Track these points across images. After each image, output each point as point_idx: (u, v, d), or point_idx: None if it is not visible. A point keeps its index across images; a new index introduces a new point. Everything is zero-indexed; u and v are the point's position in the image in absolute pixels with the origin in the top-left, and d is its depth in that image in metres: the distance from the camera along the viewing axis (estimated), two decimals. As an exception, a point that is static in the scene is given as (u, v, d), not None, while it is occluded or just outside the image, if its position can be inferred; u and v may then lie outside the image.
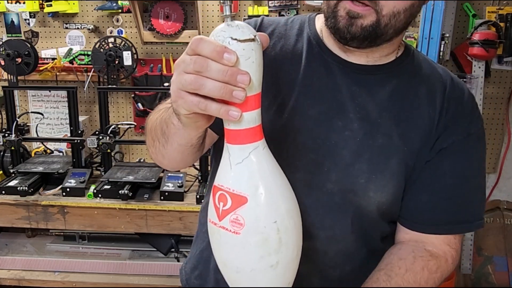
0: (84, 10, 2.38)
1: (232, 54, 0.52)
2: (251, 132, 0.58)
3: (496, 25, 2.12)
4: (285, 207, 0.60)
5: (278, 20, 0.89)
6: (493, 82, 2.33)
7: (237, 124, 0.57)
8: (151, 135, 0.80)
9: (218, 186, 0.60)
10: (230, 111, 0.54)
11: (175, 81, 0.56)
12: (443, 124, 0.81)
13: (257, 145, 0.59)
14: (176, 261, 2.18)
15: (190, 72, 0.53)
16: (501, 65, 2.28)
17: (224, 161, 0.60)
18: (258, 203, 0.58)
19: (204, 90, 0.53)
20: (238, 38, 0.53)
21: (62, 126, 2.50)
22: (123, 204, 1.98)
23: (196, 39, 0.53)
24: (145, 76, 2.39)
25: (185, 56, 0.55)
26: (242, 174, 0.58)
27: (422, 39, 2.08)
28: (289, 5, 2.28)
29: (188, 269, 0.97)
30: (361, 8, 0.71)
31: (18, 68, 2.21)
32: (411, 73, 0.83)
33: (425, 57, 0.89)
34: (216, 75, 0.52)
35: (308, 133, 0.80)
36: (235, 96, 0.53)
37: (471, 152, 0.84)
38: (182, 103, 0.56)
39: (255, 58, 0.55)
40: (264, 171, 0.59)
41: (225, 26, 0.55)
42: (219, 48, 0.52)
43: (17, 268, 2.14)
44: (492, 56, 2.14)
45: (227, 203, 0.58)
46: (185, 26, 2.33)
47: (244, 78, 0.52)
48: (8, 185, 2.04)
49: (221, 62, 0.52)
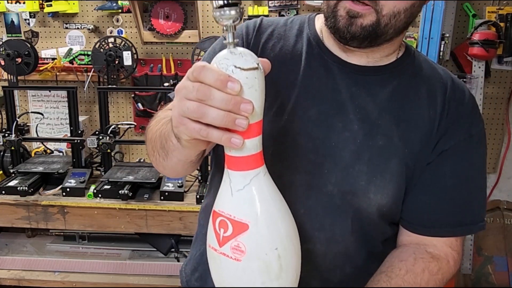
0: (84, 10, 2.37)
1: (236, 83, 0.52)
2: (252, 159, 0.58)
3: (496, 25, 2.11)
4: (285, 233, 0.60)
5: (277, 21, 0.88)
6: (493, 82, 2.33)
7: (238, 151, 0.56)
8: (151, 145, 0.80)
9: (219, 212, 0.60)
10: (232, 139, 0.54)
11: (177, 106, 0.56)
12: (444, 126, 0.81)
13: (258, 171, 0.59)
14: (176, 261, 2.18)
15: (192, 99, 0.53)
16: (501, 65, 2.28)
17: (225, 186, 0.60)
18: (260, 230, 0.57)
19: (207, 119, 0.52)
20: (242, 67, 0.53)
21: (62, 126, 2.50)
22: (123, 204, 1.98)
23: (199, 66, 0.53)
24: (145, 76, 2.39)
25: (187, 82, 0.54)
26: (243, 201, 0.58)
27: (422, 39, 2.08)
28: (289, 5, 2.28)
29: (189, 270, 0.97)
30: (361, 8, 0.71)
31: (18, 68, 2.21)
32: (411, 74, 0.83)
33: (426, 58, 0.89)
34: (219, 104, 0.52)
35: (307, 134, 0.80)
36: (238, 124, 0.52)
37: (472, 153, 0.83)
38: (183, 129, 0.56)
39: (258, 86, 0.54)
40: (265, 197, 0.59)
41: (228, 54, 0.54)
42: (223, 76, 0.51)
43: (17, 268, 2.14)
44: (492, 56, 2.14)
45: (228, 229, 0.58)
46: (185, 26, 2.33)
47: (247, 107, 0.52)
48: (8, 185, 2.04)
49: (224, 91, 0.51)
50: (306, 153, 0.79)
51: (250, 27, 0.87)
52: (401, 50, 0.85)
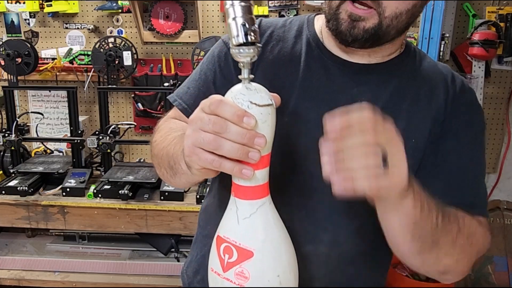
0: (84, 10, 2.37)
1: (252, 119, 0.54)
2: (260, 189, 0.60)
3: (496, 25, 2.11)
4: (287, 260, 0.62)
5: (276, 22, 0.88)
6: (493, 82, 2.33)
7: (247, 181, 0.59)
8: (158, 161, 0.81)
9: (224, 237, 0.61)
10: (243, 170, 0.56)
11: (191, 137, 0.57)
12: (446, 118, 0.81)
13: (264, 201, 0.61)
14: (176, 261, 2.18)
15: (208, 131, 0.55)
16: (501, 65, 2.28)
17: (231, 213, 0.61)
18: (264, 258, 0.59)
19: (222, 151, 0.55)
20: (257, 103, 0.56)
21: (62, 126, 2.50)
22: (123, 204, 1.98)
23: (217, 100, 0.55)
24: (145, 76, 2.39)
25: (202, 114, 0.56)
26: (249, 229, 0.60)
27: (422, 39, 2.08)
28: (289, 5, 2.28)
29: (190, 272, 0.97)
30: (363, 11, 0.71)
31: (18, 68, 2.21)
32: (412, 71, 0.83)
33: (426, 55, 0.89)
34: (235, 138, 0.54)
35: (309, 136, 0.79)
36: (251, 157, 0.55)
37: (472, 138, 0.82)
38: (196, 159, 0.58)
39: (271, 121, 0.57)
40: (270, 226, 0.61)
41: (244, 89, 0.57)
42: (240, 112, 0.54)
43: (17, 268, 2.14)
44: (492, 56, 2.14)
45: (233, 256, 0.60)
46: (185, 26, 2.33)
47: (261, 141, 0.55)
48: (8, 185, 2.04)
49: (240, 125, 0.54)
50: (308, 155, 0.79)
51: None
52: (402, 48, 0.85)
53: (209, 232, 0.94)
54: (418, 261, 0.73)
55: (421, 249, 0.70)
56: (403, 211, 0.64)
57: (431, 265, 0.73)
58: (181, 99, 0.88)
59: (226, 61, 0.86)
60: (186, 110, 0.86)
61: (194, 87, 0.88)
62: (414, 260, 0.73)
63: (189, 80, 0.90)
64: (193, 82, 0.89)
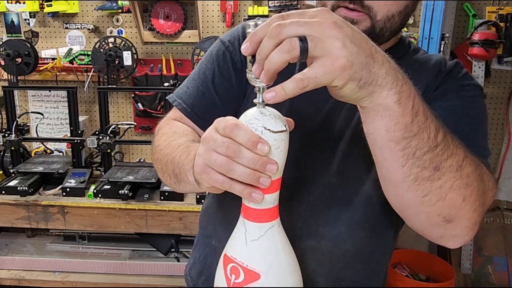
0: (84, 10, 2.38)
1: (266, 145, 0.54)
2: (269, 212, 0.60)
3: (496, 25, 2.12)
4: (292, 283, 0.62)
5: None
6: (493, 82, 2.33)
7: (257, 204, 0.58)
8: (160, 165, 0.80)
9: (231, 258, 0.62)
10: (253, 194, 0.56)
11: (203, 156, 0.57)
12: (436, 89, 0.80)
13: (273, 223, 0.61)
14: (176, 261, 2.18)
15: (221, 153, 0.55)
16: (501, 65, 2.28)
17: (239, 234, 0.62)
18: (270, 280, 0.60)
19: (234, 175, 0.55)
20: (272, 129, 0.55)
21: (62, 126, 2.50)
22: (123, 204, 1.98)
23: (232, 124, 0.54)
24: (145, 76, 2.39)
25: (216, 134, 0.56)
26: (257, 251, 0.60)
27: (422, 39, 2.08)
28: (289, 5, 2.28)
29: (194, 274, 0.97)
30: (356, 14, 0.72)
31: (18, 68, 2.21)
32: (405, 58, 0.83)
33: (420, 48, 0.89)
34: (247, 163, 0.54)
35: (305, 130, 0.80)
36: (262, 182, 0.55)
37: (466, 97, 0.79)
38: (207, 178, 0.58)
39: (284, 147, 0.57)
40: (278, 249, 0.61)
41: (259, 114, 0.56)
42: (254, 138, 0.54)
43: (17, 268, 2.14)
44: (492, 56, 2.14)
45: (240, 277, 0.60)
46: (185, 26, 2.33)
47: (273, 167, 0.55)
48: (8, 185, 2.04)
49: (254, 151, 0.54)
50: (305, 149, 0.80)
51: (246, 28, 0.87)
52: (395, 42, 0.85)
53: (210, 233, 0.94)
54: (417, 196, 0.61)
55: (418, 174, 0.58)
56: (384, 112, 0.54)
57: (433, 205, 0.61)
58: (181, 99, 0.88)
59: (224, 60, 0.87)
60: (185, 109, 0.87)
61: (193, 86, 0.88)
62: (412, 193, 0.61)
63: (188, 80, 0.91)
64: (192, 82, 0.89)
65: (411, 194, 0.61)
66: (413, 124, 0.56)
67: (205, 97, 0.87)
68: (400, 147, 0.57)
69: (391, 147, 0.57)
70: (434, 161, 0.58)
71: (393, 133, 0.56)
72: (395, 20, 0.73)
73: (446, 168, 0.59)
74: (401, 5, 0.72)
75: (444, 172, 0.59)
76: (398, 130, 0.56)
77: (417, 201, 0.62)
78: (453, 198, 0.61)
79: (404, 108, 0.55)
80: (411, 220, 0.67)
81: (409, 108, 0.55)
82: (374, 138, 0.58)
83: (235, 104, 0.87)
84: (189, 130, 0.85)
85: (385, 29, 0.73)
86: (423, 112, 0.57)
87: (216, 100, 0.86)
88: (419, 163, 0.58)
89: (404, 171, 0.59)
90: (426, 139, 0.57)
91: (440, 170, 0.59)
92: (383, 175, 0.63)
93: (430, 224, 0.65)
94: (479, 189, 0.63)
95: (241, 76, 0.86)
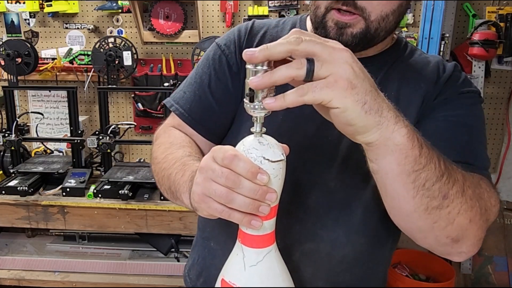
0: (84, 10, 2.38)
1: (265, 175, 0.54)
2: (267, 238, 0.60)
3: (496, 25, 2.12)
4: None
5: (269, 22, 0.89)
6: (493, 82, 2.33)
7: (255, 230, 0.59)
8: (157, 178, 0.81)
9: (229, 282, 0.62)
10: (252, 221, 0.56)
11: (201, 185, 0.57)
12: (437, 96, 0.79)
13: (271, 248, 0.61)
14: (176, 261, 2.18)
15: (220, 184, 0.55)
16: (501, 65, 2.28)
17: (237, 259, 0.62)
18: None
19: (234, 205, 0.55)
20: (270, 159, 0.56)
21: (62, 126, 2.50)
22: (123, 204, 1.98)
23: (231, 155, 0.54)
24: (145, 76, 2.39)
25: (214, 164, 0.56)
26: (255, 277, 0.60)
27: (422, 39, 2.08)
28: (289, 5, 2.28)
29: (193, 276, 0.98)
30: (349, 18, 0.71)
31: (18, 68, 2.21)
32: (402, 59, 0.83)
33: (417, 48, 0.89)
34: (247, 193, 0.54)
35: (303, 133, 0.80)
36: (261, 211, 0.55)
37: (465, 104, 0.79)
38: (205, 207, 0.58)
39: (281, 175, 0.57)
40: (275, 274, 0.62)
41: (257, 144, 0.56)
42: (254, 169, 0.54)
43: (17, 268, 2.14)
44: (492, 56, 2.14)
45: None
46: (185, 26, 2.33)
47: (272, 196, 0.55)
48: (8, 185, 2.04)
49: (254, 181, 0.54)
50: (303, 152, 0.80)
51: (242, 30, 0.88)
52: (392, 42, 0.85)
53: (208, 234, 0.94)
54: (427, 223, 0.63)
55: (429, 204, 0.60)
56: (395, 146, 0.56)
57: (443, 230, 0.63)
58: (178, 104, 0.88)
59: (220, 64, 0.87)
60: (183, 115, 0.87)
61: (190, 91, 0.89)
62: (423, 221, 0.62)
63: (185, 84, 0.91)
64: (189, 86, 0.89)
65: (421, 222, 0.63)
66: (421, 156, 0.57)
67: (202, 102, 0.87)
68: (411, 179, 0.58)
69: (403, 180, 0.59)
70: (442, 190, 0.60)
71: (403, 166, 0.57)
72: (389, 19, 0.73)
73: (453, 195, 0.61)
74: (394, 4, 0.72)
75: (452, 200, 0.61)
76: (408, 163, 0.57)
77: (428, 227, 0.64)
78: (461, 222, 0.63)
79: (412, 142, 0.56)
80: (420, 241, 0.69)
81: (416, 141, 0.57)
82: (386, 172, 0.59)
83: (232, 107, 0.87)
84: (187, 140, 0.85)
85: (380, 29, 0.73)
86: (425, 144, 0.59)
87: (213, 104, 0.86)
88: (429, 194, 0.60)
89: (416, 202, 0.60)
90: (433, 169, 0.59)
91: (449, 198, 0.61)
92: (394, 206, 0.64)
93: (438, 244, 0.67)
94: (481, 208, 0.66)
95: (237, 79, 0.86)
